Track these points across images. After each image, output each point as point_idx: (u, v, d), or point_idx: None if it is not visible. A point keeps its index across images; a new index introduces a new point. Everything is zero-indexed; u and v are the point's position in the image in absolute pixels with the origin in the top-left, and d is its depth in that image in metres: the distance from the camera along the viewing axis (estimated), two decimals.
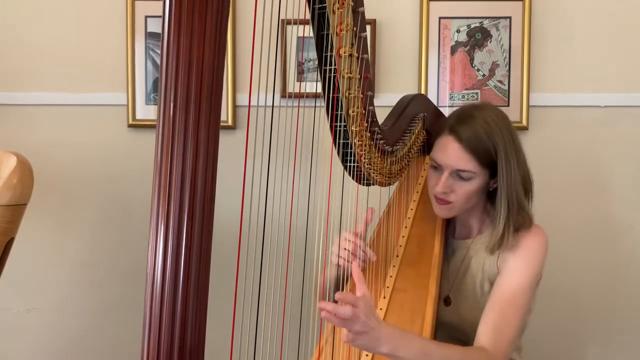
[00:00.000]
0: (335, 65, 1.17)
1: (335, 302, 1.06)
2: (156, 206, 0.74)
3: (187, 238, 0.74)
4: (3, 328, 2.19)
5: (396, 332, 1.14)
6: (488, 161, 1.38)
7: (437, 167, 1.43)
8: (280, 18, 0.97)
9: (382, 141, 1.38)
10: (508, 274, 1.37)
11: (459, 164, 1.38)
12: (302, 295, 1.34)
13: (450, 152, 1.39)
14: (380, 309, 1.34)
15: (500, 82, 2.07)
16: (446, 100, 2.08)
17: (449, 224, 1.57)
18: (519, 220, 1.39)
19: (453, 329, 1.47)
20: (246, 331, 1.02)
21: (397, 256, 1.47)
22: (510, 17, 2.06)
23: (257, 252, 1.05)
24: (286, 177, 1.16)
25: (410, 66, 2.10)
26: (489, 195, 1.47)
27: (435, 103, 1.92)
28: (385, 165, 1.43)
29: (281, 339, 1.19)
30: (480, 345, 1.30)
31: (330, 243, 1.44)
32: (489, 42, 2.07)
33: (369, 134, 1.33)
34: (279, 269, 1.19)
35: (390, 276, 1.42)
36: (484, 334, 1.30)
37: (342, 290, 1.43)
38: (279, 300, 1.19)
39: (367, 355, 1.26)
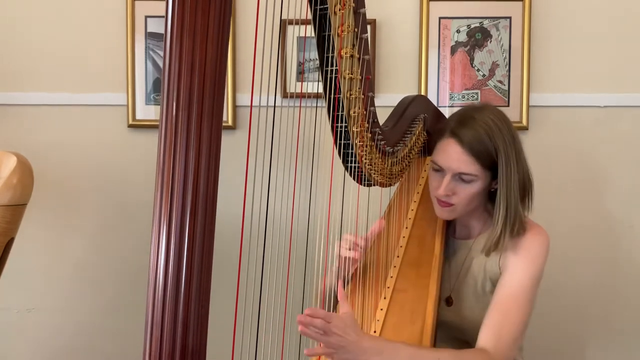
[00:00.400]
0: (336, 66, 1.17)
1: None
2: (158, 206, 0.74)
3: (190, 238, 0.74)
4: (3, 328, 2.19)
5: (383, 343, 1.16)
6: (489, 163, 1.38)
7: (438, 170, 1.43)
8: (281, 18, 0.97)
9: (383, 142, 1.38)
10: (510, 274, 1.37)
11: (460, 167, 1.38)
12: (304, 295, 1.34)
13: (452, 155, 1.38)
14: (381, 309, 1.34)
15: (500, 82, 2.07)
16: (446, 100, 2.09)
17: (450, 224, 1.57)
18: (516, 224, 1.39)
19: (454, 329, 1.47)
20: (247, 332, 1.02)
21: (398, 256, 1.47)
22: (510, 17, 2.06)
23: (259, 252, 1.05)
24: (287, 177, 1.16)
25: (410, 66, 2.10)
26: (490, 195, 1.47)
27: (435, 103, 1.92)
28: (386, 166, 1.43)
29: (282, 339, 1.19)
30: (482, 346, 1.30)
31: (331, 242, 1.44)
32: (489, 42, 2.08)
33: (370, 135, 1.33)
34: (280, 268, 1.19)
35: (391, 276, 1.42)
36: (486, 335, 1.31)
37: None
38: (281, 301, 1.19)
39: None
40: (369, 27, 2.00)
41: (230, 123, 2.07)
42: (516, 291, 1.34)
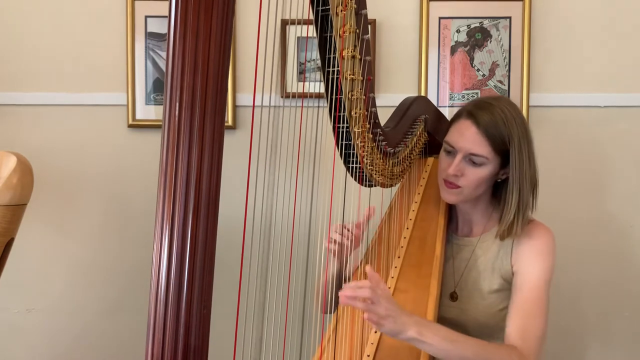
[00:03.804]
0: (338, 67, 1.17)
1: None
2: (161, 207, 0.74)
3: (192, 238, 0.74)
4: (3, 328, 2.19)
5: (420, 320, 1.20)
6: (501, 149, 1.40)
7: (450, 151, 1.45)
8: (282, 18, 0.97)
9: (384, 143, 1.38)
10: (526, 275, 1.40)
11: (473, 148, 1.40)
12: (305, 294, 1.34)
13: (467, 135, 1.41)
14: None
15: (500, 82, 2.07)
16: (446, 100, 2.09)
17: (451, 222, 1.58)
18: (527, 213, 1.42)
19: (457, 325, 1.47)
20: (249, 332, 1.02)
21: (399, 257, 1.47)
22: (510, 17, 2.07)
23: (260, 252, 1.05)
24: (288, 177, 1.16)
25: (410, 66, 2.10)
26: (495, 189, 1.49)
27: (435, 103, 1.93)
28: (387, 166, 1.43)
29: (284, 339, 1.19)
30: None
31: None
32: (489, 42, 2.08)
33: (371, 136, 1.33)
34: (282, 268, 1.19)
35: (392, 277, 1.42)
36: (513, 336, 1.34)
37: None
38: (282, 301, 1.20)
39: (368, 355, 1.27)
40: (369, 27, 2.00)
41: (230, 123, 2.07)
42: (534, 290, 1.37)
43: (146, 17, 2.10)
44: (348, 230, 1.43)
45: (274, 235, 1.10)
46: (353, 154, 1.31)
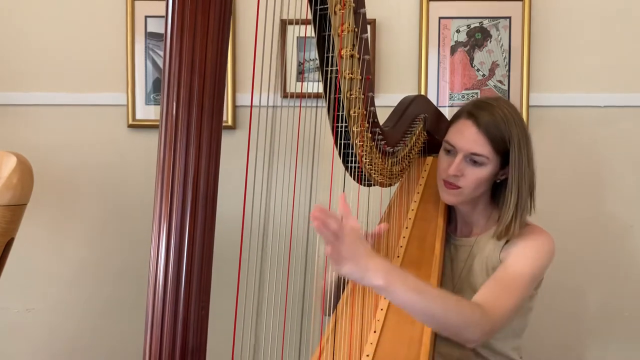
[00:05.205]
0: (336, 66, 1.17)
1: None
2: (159, 206, 0.74)
3: (190, 237, 0.74)
4: (3, 328, 2.19)
5: (389, 267, 1.07)
6: (501, 149, 1.40)
7: (450, 151, 1.45)
8: (281, 18, 0.97)
9: (383, 142, 1.38)
10: (513, 259, 1.37)
11: (473, 148, 1.40)
12: (304, 294, 1.34)
13: (468, 135, 1.41)
14: (381, 309, 1.34)
15: (500, 82, 2.07)
16: (446, 100, 2.09)
17: (450, 223, 1.58)
18: (524, 215, 1.42)
19: None
20: (247, 330, 1.02)
21: (398, 257, 1.47)
22: (510, 17, 2.06)
23: (259, 252, 1.05)
24: (287, 177, 1.16)
25: (410, 66, 2.10)
26: (494, 191, 1.49)
27: (435, 103, 1.93)
28: (386, 166, 1.43)
29: (282, 338, 1.19)
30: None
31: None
32: (488, 42, 2.08)
33: (370, 135, 1.33)
34: (280, 268, 1.19)
35: None
36: (481, 298, 1.28)
37: (343, 291, 1.43)
38: (280, 300, 1.19)
39: (367, 355, 1.26)
40: (368, 27, 2.00)
41: (230, 123, 2.07)
42: (517, 272, 1.34)
43: (146, 17, 2.10)
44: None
45: (273, 235, 1.10)
46: (352, 153, 1.31)
